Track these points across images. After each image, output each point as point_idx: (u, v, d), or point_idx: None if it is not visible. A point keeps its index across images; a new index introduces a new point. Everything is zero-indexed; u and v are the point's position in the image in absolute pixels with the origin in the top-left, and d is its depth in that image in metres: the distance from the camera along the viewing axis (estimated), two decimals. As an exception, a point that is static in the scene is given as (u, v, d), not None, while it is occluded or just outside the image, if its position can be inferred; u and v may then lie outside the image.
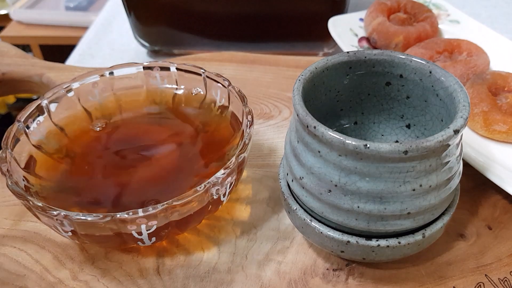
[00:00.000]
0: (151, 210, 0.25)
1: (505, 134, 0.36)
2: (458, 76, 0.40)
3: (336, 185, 0.25)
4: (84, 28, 0.76)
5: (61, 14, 1.22)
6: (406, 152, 0.22)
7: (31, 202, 0.26)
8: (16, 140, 0.31)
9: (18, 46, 0.55)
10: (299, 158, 0.26)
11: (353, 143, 0.23)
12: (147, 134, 0.36)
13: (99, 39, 0.65)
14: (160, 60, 0.38)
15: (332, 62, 0.28)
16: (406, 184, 0.24)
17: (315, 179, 0.25)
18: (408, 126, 0.32)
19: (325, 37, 0.50)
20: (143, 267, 0.30)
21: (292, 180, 0.28)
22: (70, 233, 0.27)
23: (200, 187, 0.27)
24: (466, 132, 0.37)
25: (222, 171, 0.27)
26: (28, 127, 0.33)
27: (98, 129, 0.36)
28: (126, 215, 0.25)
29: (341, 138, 0.23)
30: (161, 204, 0.26)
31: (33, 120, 0.33)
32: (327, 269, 0.30)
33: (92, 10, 1.23)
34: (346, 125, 0.33)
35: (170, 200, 0.26)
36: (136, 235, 0.27)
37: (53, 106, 0.35)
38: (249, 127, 0.30)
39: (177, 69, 0.37)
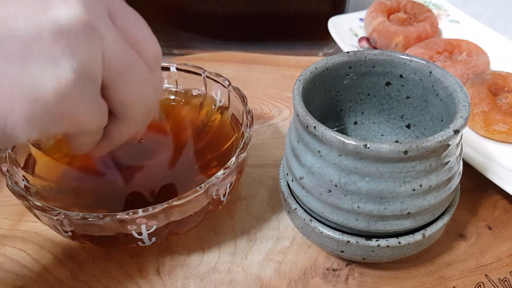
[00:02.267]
0: (151, 210, 0.25)
1: (505, 134, 0.36)
2: (458, 76, 0.40)
3: (336, 185, 0.25)
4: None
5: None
6: (406, 152, 0.22)
7: (31, 202, 0.26)
8: (16, 140, 0.31)
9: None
10: (299, 158, 0.26)
11: (353, 143, 0.23)
12: (147, 134, 0.36)
13: (99, 39, 0.65)
14: (160, 60, 0.38)
15: (332, 62, 0.28)
16: (406, 184, 0.24)
17: (315, 179, 0.25)
18: (408, 126, 0.32)
19: (325, 37, 0.50)
20: (143, 267, 0.30)
21: (292, 180, 0.28)
22: (70, 233, 0.27)
23: (200, 187, 0.27)
24: (466, 132, 0.37)
25: (222, 171, 0.27)
26: (28, 127, 0.33)
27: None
28: (126, 215, 0.25)
29: (341, 138, 0.23)
30: (161, 204, 0.26)
31: (33, 120, 0.33)
32: (327, 269, 0.30)
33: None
34: (346, 125, 0.33)
35: (170, 200, 0.26)
36: (136, 235, 0.27)
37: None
38: (249, 127, 0.30)
39: (177, 69, 0.37)
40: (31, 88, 0.18)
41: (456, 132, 0.23)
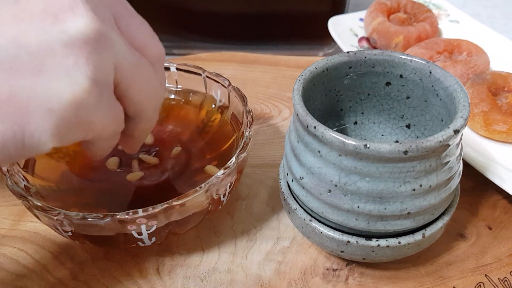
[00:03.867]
0: (151, 210, 0.25)
1: (505, 134, 0.36)
2: (458, 76, 0.40)
3: (336, 185, 0.25)
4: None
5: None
6: (406, 152, 0.22)
7: (31, 202, 0.26)
8: (16, 140, 0.31)
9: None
10: (299, 158, 0.26)
11: (353, 143, 0.23)
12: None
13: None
14: (160, 60, 0.38)
15: (332, 62, 0.28)
16: (406, 184, 0.24)
17: (315, 179, 0.25)
18: (408, 126, 0.32)
19: (325, 37, 0.50)
20: (143, 267, 0.30)
21: (292, 180, 0.28)
22: (70, 233, 0.27)
23: (200, 187, 0.27)
24: (466, 132, 0.37)
25: (222, 171, 0.27)
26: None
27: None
28: (126, 215, 0.25)
29: (341, 138, 0.23)
30: (161, 204, 0.26)
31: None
32: (327, 269, 0.30)
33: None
34: (346, 125, 0.33)
35: (170, 200, 0.26)
36: (136, 235, 0.27)
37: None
38: (249, 127, 0.30)
39: (177, 69, 0.37)
40: (46, 100, 0.19)
41: (456, 132, 0.23)
